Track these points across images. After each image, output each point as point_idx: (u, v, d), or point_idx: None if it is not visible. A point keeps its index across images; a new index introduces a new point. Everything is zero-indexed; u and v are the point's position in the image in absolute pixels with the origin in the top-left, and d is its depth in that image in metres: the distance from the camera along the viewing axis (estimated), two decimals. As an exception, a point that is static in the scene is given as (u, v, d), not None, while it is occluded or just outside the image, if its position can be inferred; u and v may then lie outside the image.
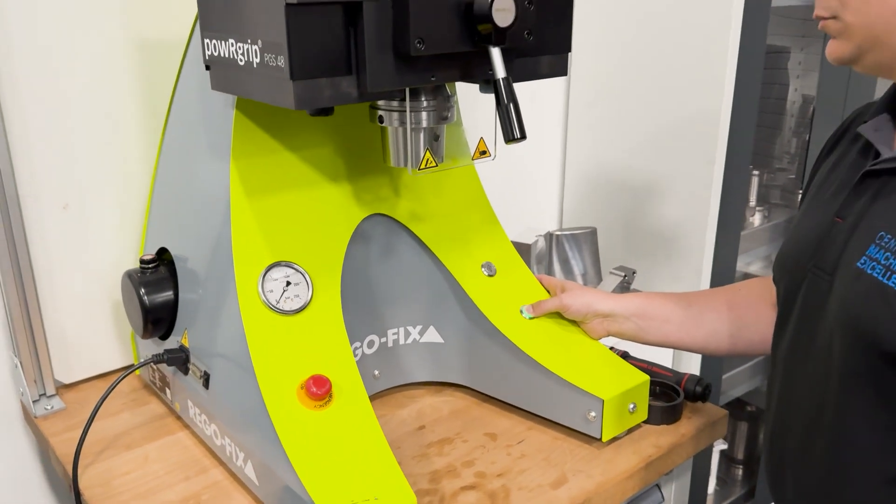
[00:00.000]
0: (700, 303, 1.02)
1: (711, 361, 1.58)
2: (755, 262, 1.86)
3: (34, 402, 1.06)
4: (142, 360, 0.99)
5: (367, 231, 1.01)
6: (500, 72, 0.74)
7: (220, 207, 0.90)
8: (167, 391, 1.05)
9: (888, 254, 0.71)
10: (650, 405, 1.00)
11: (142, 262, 1.00)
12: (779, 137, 1.99)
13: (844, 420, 0.77)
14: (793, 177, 1.94)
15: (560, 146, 1.69)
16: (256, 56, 0.72)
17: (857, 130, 0.83)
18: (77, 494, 0.91)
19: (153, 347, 1.06)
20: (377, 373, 1.07)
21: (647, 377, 0.98)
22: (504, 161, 1.20)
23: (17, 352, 1.06)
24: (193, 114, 0.96)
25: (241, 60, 0.75)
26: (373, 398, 1.06)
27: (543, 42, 0.83)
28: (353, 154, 0.99)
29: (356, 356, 1.02)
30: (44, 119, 1.02)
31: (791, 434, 0.85)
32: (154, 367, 1.07)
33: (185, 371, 0.98)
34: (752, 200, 1.80)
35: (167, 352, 0.98)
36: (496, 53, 0.74)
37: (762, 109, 1.55)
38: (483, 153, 0.90)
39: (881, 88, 0.98)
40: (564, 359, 0.99)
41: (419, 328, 1.08)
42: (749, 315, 0.99)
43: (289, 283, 0.91)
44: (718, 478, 1.97)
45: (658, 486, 1.06)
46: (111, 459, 0.96)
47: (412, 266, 1.06)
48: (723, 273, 1.55)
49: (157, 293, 0.99)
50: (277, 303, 0.89)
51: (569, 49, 0.88)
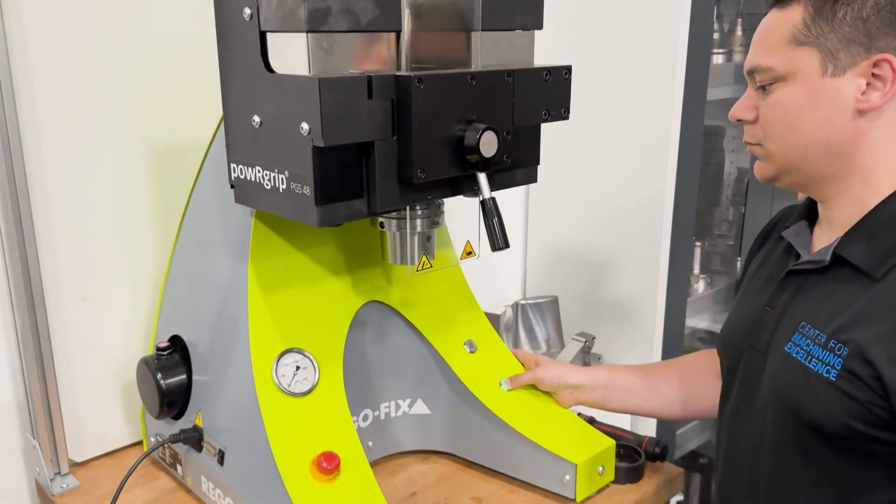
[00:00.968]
0: (656, 374, 1.17)
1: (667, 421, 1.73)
2: (703, 322, 2.04)
3: (51, 481, 1.14)
4: (158, 441, 1.08)
5: (364, 316, 1.13)
6: (487, 193, 0.88)
7: (237, 301, 1.02)
8: (178, 467, 1.14)
9: (808, 341, 0.87)
10: (616, 466, 1.13)
11: (158, 349, 1.10)
12: (717, 207, 2.19)
13: (779, 476, 0.92)
14: (731, 243, 2.14)
15: (522, 224, 1.85)
16: (283, 183, 0.85)
17: (782, 234, 1.00)
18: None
19: (161, 425, 1.15)
20: (371, 444, 1.18)
21: (613, 441, 1.12)
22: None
23: (36, 434, 1.13)
24: (210, 216, 1.08)
25: (268, 185, 0.87)
26: (368, 467, 1.17)
27: (518, 159, 0.98)
28: (352, 249, 1.11)
29: (354, 430, 1.13)
30: (66, 219, 1.12)
31: (736, 489, 1.00)
32: (165, 445, 1.16)
33: (199, 449, 1.07)
34: (696, 269, 1.98)
35: (182, 432, 1.07)
36: (483, 178, 0.88)
37: (701, 183, 1.73)
38: (469, 253, 1.04)
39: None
40: (540, 427, 1.12)
41: (408, 401, 1.20)
42: (698, 385, 1.14)
43: (298, 368, 1.02)
44: (677, 527, 2.10)
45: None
46: (130, 534, 1.04)
47: (402, 345, 1.18)
48: (673, 337, 1.71)
49: (173, 377, 1.09)
50: (289, 386, 1.00)
51: (538, 162, 1.03)
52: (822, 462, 0.87)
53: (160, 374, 1.08)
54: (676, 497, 1.98)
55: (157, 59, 1.16)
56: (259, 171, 0.88)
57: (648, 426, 1.67)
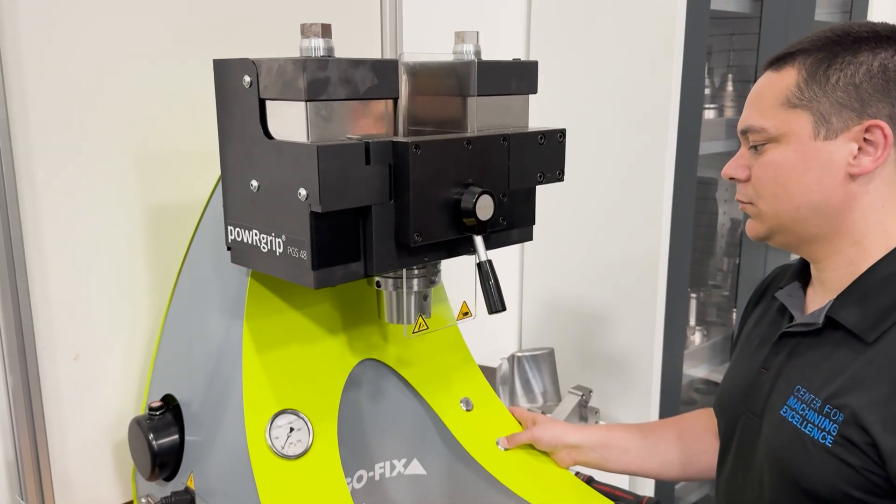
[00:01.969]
0: (654, 434, 1.16)
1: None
2: (700, 373, 2.03)
3: (37, 544, 1.11)
4: (149, 503, 1.06)
5: (359, 374, 1.13)
6: (483, 256, 0.89)
7: (231, 360, 1.01)
8: (168, 529, 1.11)
9: (804, 405, 0.87)
10: (614, 528, 1.11)
11: (150, 409, 1.09)
12: (712, 258, 2.20)
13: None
14: (727, 293, 2.14)
15: (518, 276, 1.85)
16: (279, 247, 0.85)
17: (775, 295, 1.00)
18: None
19: (153, 486, 1.13)
20: (366, 505, 1.16)
21: (612, 502, 1.10)
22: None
23: (25, 494, 1.11)
24: (206, 274, 1.08)
25: (265, 248, 0.88)
26: (362, 529, 1.15)
27: (513, 220, 0.99)
28: (349, 307, 1.11)
29: (348, 491, 1.11)
30: (61, 276, 1.12)
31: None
32: (156, 506, 1.14)
33: (190, 511, 1.05)
34: (692, 320, 1.98)
35: (174, 494, 1.05)
36: (479, 241, 0.89)
37: (695, 233, 1.74)
38: (466, 314, 1.04)
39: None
40: (538, 487, 1.10)
41: (404, 461, 1.19)
42: (697, 445, 1.13)
43: (292, 430, 1.01)
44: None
45: None
46: None
47: (398, 404, 1.17)
48: (670, 389, 1.70)
49: (165, 438, 1.08)
50: (283, 448, 0.99)
51: (533, 222, 1.04)
52: (822, 528, 0.86)
53: (152, 435, 1.07)
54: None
55: (155, 120, 1.17)
56: (256, 234, 0.88)
57: (647, 486, 1.65)
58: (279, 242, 0.85)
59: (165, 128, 1.18)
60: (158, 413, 1.09)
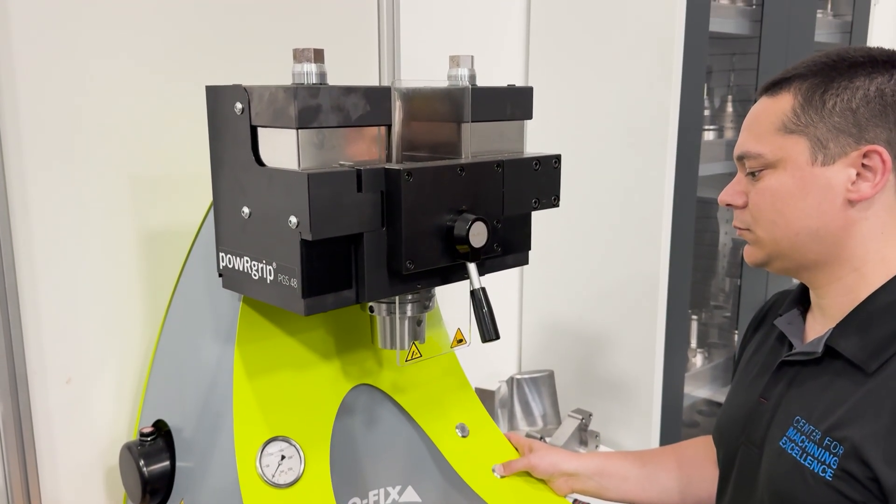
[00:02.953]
0: (653, 462, 1.14)
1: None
2: (702, 395, 2.01)
3: (26, 573, 1.10)
4: (139, 532, 1.04)
5: (353, 399, 1.11)
6: (477, 283, 0.88)
7: (222, 386, 1.00)
8: (159, 557, 1.10)
9: (803, 437, 0.85)
10: (612, 559, 1.10)
11: (141, 435, 1.08)
12: (713, 279, 2.19)
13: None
14: (728, 314, 2.13)
15: (517, 298, 1.84)
16: (270, 274, 0.84)
17: (774, 322, 0.99)
18: None
19: (144, 512, 1.11)
20: (359, 534, 1.14)
21: (609, 532, 1.09)
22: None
23: (13, 523, 1.10)
24: (198, 299, 1.07)
25: (255, 276, 0.87)
26: (355, 558, 1.13)
27: (508, 246, 0.98)
28: (342, 331, 1.10)
29: (341, 519, 1.10)
30: (53, 300, 1.11)
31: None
32: (146, 534, 1.12)
33: (181, 540, 1.04)
34: (693, 342, 1.96)
35: (164, 522, 1.04)
36: (473, 268, 0.88)
37: (696, 254, 1.73)
38: (460, 341, 1.03)
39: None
40: (533, 517, 1.08)
41: (398, 488, 1.17)
42: (696, 473, 1.12)
43: (283, 457, 0.99)
44: None
45: None
46: None
47: (392, 430, 1.15)
48: (671, 413, 1.68)
49: (156, 464, 1.06)
50: (273, 476, 0.97)
51: (529, 247, 1.03)
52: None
53: (143, 461, 1.06)
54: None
55: (148, 143, 1.17)
56: (247, 262, 0.88)
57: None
58: (270, 270, 0.84)
59: (159, 151, 1.18)
60: (149, 439, 1.08)
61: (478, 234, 0.86)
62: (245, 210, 0.85)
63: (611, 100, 1.62)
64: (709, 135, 1.88)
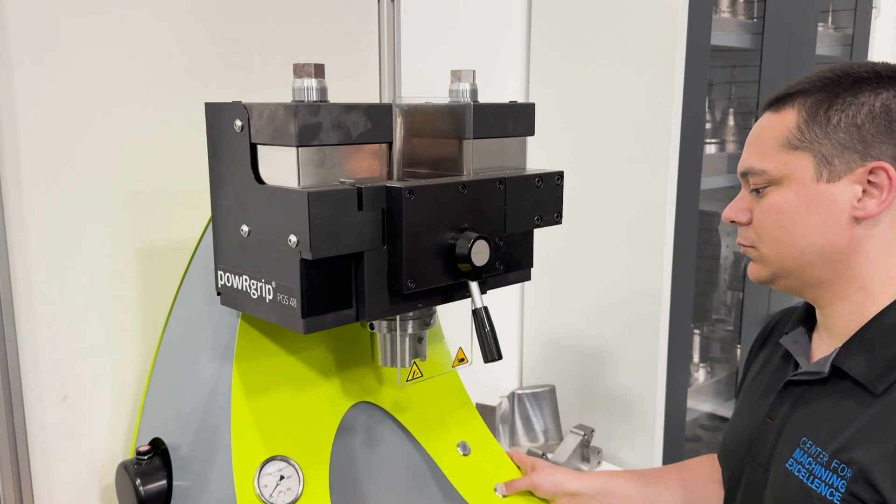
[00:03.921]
0: (657, 481, 1.12)
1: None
2: (705, 409, 2.00)
3: None
4: (135, 552, 1.03)
5: (353, 417, 1.10)
6: (479, 303, 0.87)
7: (220, 404, 0.99)
8: (155, 579, 1.08)
9: (810, 459, 0.84)
10: (615, 580, 1.08)
11: (138, 453, 1.06)
12: (715, 292, 2.18)
13: None
14: (731, 328, 2.11)
15: (518, 312, 1.83)
16: (269, 294, 0.83)
17: (779, 341, 0.97)
18: None
19: (141, 532, 1.10)
20: (359, 554, 1.12)
21: (612, 553, 1.07)
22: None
23: (7, 543, 1.08)
24: (196, 316, 1.06)
25: (254, 294, 0.86)
26: (354, 578, 1.12)
27: (510, 264, 0.97)
28: (342, 348, 1.09)
29: (340, 540, 1.08)
30: (49, 316, 1.10)
31: None
32: (142, 554, 1.10)
33: (177, 561, 1.02)
34: (696, 357, 1.95)
35: (161, 543, 1.02)
36: (475, 287, 0.87)
37: (697, 268, 1.72)
38: (462, 360, 1.01)
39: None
40: (535, 537, 1.07)
41: (398, 507, 1.15)
42: (701, 493, 1.10)
43: (282, 478, 0.98)
44: None
45: None
46: None
47: (392, 448, 1.14)
48: (674, 428, 1.67)
49: (152, 483, 1.05)
50: (271, 497, 0.96)
51: (531, 264, 1.02)
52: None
53: (139, 480, 1.04)
54: None
55: (146, 159, 1.16)
56: (246, 280, 0.86)
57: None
58: (269, 289, 0.83)
59: (158, 167, 1.17)
60: (146, 457, 1.06)
61: (480, 253, 0.85)
62: (244, 228, 0.84)
63: (612, 113, 1.62)
64: (710, 148, 1.88)
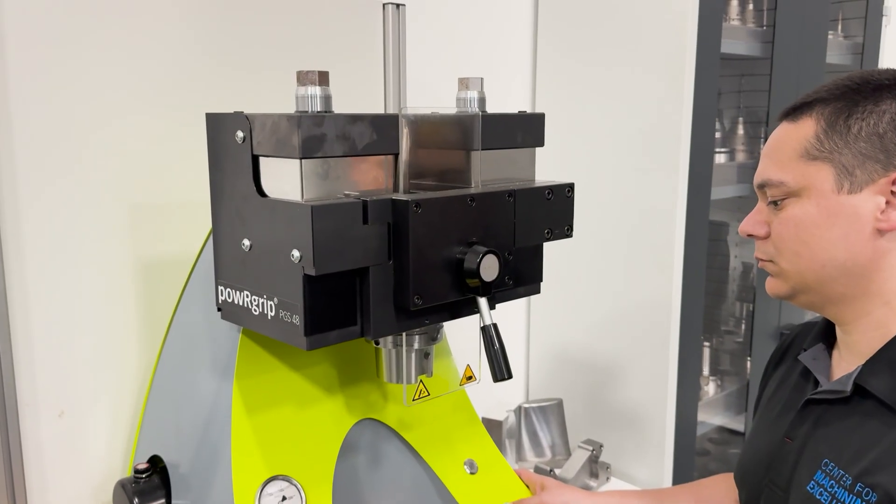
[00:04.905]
0: (671, 501, 1.09)
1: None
2: (714, 420, 1.96)
3: None
4: (132, 574, 1.00)
5: (356, 435, 1.07)
6: (488, 319, 0.84)
7: (220, 422, 0.96)
8: None
9: (832, 481, 0.81)
10: None
11: (136, 472, 1.03)
12: (724, 303, 2.14)
13: None
14: (740, 340, 2.08)
15: (524, 325, 1.80)
16: (271, 310, 0.80)
17: (798, 357, 0.94)
18: None
19: (138, 552, 1.07)
20: (362, 575, 1.09)
21: (624, 577, 1.04)
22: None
23: (1, 563, 1.05)
24: (196, 330, 1.03)
25: (256, 311, 0.83)
26: None
27: (520, 278, 0.94)
28: (346, 363, 1.06)
29: (344, 561, 1.05)
30: (46, 330, 1.07)
31: None
32: (140, 575, 1.07)
33: (176, 583, 0.99)
34: (705, 370, 1.92)
35: (158, 565, 0.99)
36: (483, 303, 0.84)
37: (706, 278, 1.69)
38: (469, 378, 0.98)
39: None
40: (545, 560, 1.03)
41: (403, 527, 1.12)
42: (714, 514, 1.07)
43: (284, 498, 0.95)
44: None
45: None
46: None
47: (397, 466, 1.11)
48: (684, 443, 1.63)
49: (150, 503, 1.02)
50: (273, 518, 0.93)
51: (541, 278, 0.99)
52: None
53: (137, 499, 1.01)
54: None
55: (146, 170, 1.13)
56: (247, 296, 0.84)
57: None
58: (271, 306, 0.81)
59: (157, 179, 1.15)
60: (144, 476, 1.03)
61: (489, 268, 0.82)
62: (245, 242, 0.82)
63: (620, 121, 1.59)
64: (719, 157, 1.85)
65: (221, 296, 0.88)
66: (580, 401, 1.72)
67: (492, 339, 0.82)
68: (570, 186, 0.94)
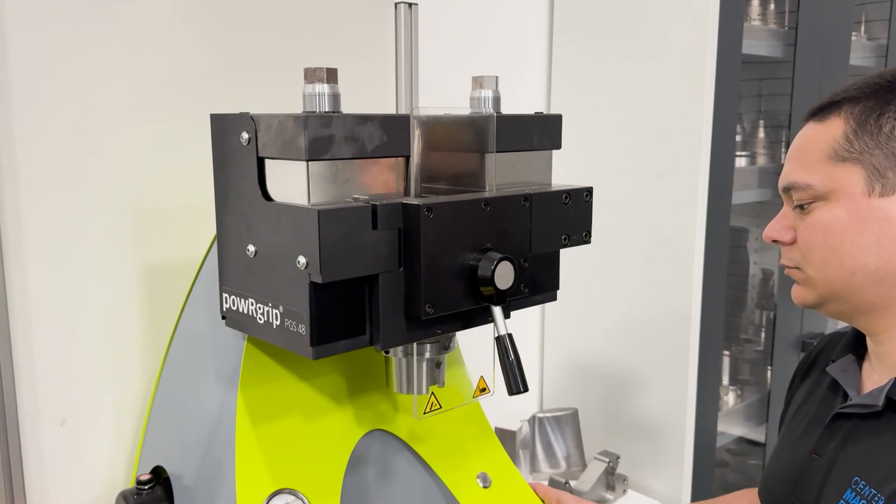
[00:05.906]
0: (690, 518, 1.05)
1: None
2: (733, 431, 1.91)
3: None
4: (134, 589, 0.97)
5: (365, 446, 1.03)
6: (503, 329, 0.80)
7: (225, 433, 0.93)
8: None
9: (863, 501, 0.76)
10: None
11: (138, 483, 1.01)
12: (744, 311, 2.09)
13: None
14: (760, 349, 2.03)
15: (539, 332, 1.76)
16: (277, 319, 0.77)
17: (826, 369, 0.90)
18: None
19: (142, 565, 1.04)
20: (371, 591, 1.06)
21: None
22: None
23: (1, 575, 1.03)
24: (200, 338, 1.00)
25: (261, 319, 0.80)
26: None
27: (536, 286, 0.90)
28: (355, 372, 1.03)
29: (352, 578, 1.01)
30: (48, 336, 1.05)
31: None
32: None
33: None
34: (725, 380, 1.87)
35: (161, 580, 0.97)
36: (498, 312, 0.80)
37: (726, 286, 1.65)
38: (483, 390, 0.95)
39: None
40: (560, 578, 1.00)
41: (414, 542, 1.09)
42: (738, 532, 1.03)
43: (290, 512, 0.92)
44: None
45: None
46: None
47: (407, 479, 1.07)
48: (704, 455, 1.59)
49: (153, 516, 0.99)
50: (278, 533, 0.90)
51: (557, 286, 0.96)
52: None
53: (139, 512, 0.98)
54: None
55: (150, 174, 1.11)
56: (252, 304, 0.81)
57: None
58: (276, 314, 0.77)
59: (160, 184, 1.12)
60: (147, 487, 1.00)
61: (504, 275, 0.79)
62: (250, 248, 0.79)
63: (639, 124, 1.55)
64: (740, 161, 1.80)
65: (226, 303, 0.85)
66: (596, 410, 1.68)
67: (507, 351, 0.79)
68: (589, 191, 0.90)
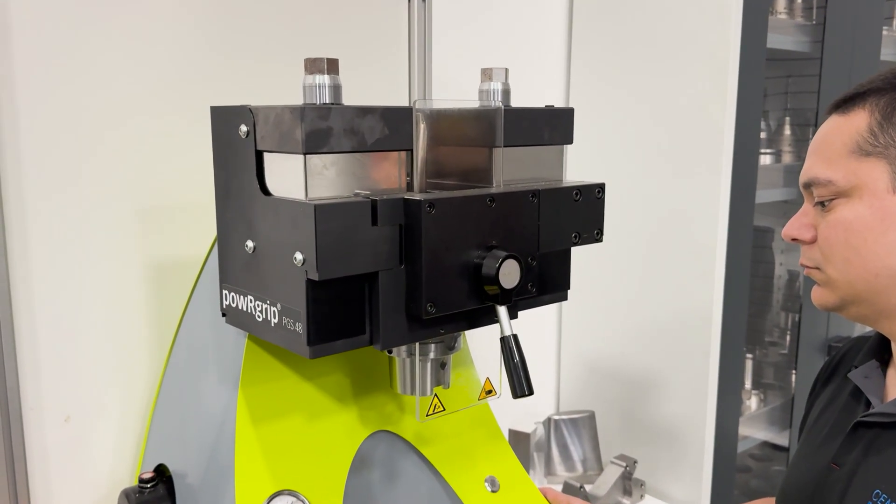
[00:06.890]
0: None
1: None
2: (757, 434, 1.86)
3: None
4: (135, 588, 0.96)
5: (370, 448, 1.01)
6: (508, 330, 0.77)
7: (225, 433, 0.91)
8: None
9: (888, 517, 0.73)
10: None
11: (141, 481, 0.99)
12: (768, 313, 2.04)
13: None
14: (784, 352, 1.97)
15: (555, 333, 1.72)
16: (275, 317, 0.75)
17: (848, 375, 0.86)
18: None
19: (145, 564, 1.03)
20: None
21: None
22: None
23: (4, 571, 1.03)
24: (203, 336, 0.99)
25: (259, 317, 0.78)
26: None
27: (544, 286, 0.87)
28: (359, 371, 1.00)
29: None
30: (53, 333, 1.04)
31: None
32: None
33: None
34: (748, 383, 1.82)
35: (162, 580, 0.95)
36: (503, 312, 0.77)
37: (750, 287, 1.60)
38: (489, 392, 0.92)
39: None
40: (569, 587, 0.96)
41: (420, 547, 1.06)
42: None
43: (291, 514, 0.90)
44: None
45: None
46: None
47: (413, 482, 1.05)
48: (725, 461, 1.54)
49: (155, 514, 0.98)
50: (279, 536, 0.88)
51: (568, 286, 0.92)
52: None
53: (141, 511, 0.97)
54: None
55: (155, 170, 1.10)
56: (251, 301, 0.79)
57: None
58: (274, 312, 0.75)
59: (166, 180, 1.11)
60: (149, 486, 0.99)
61: (509, 274, 0.76)
62: (249, 244, 0.77)
63: (660, 119, 1.51)
64: (764, 159, 1.75)
65: (226, 300, 0.83)
66: (614, 413, 1.64)
67: (511, 352, 0.76)
68: (601, 187, 0.87)
